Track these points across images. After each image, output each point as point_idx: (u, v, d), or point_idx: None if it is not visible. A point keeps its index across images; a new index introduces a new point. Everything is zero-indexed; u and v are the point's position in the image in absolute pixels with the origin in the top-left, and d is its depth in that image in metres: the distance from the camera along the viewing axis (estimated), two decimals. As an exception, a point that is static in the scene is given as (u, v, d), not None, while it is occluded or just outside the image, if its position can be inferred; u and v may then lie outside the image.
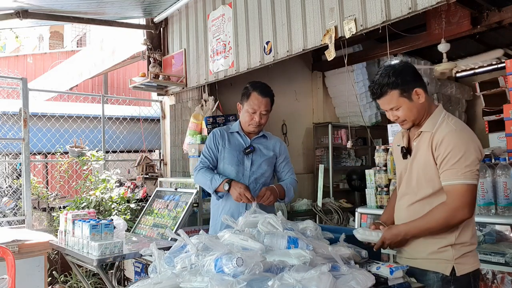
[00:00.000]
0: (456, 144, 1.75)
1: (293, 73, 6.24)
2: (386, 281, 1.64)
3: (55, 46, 14.86)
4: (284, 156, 2.76)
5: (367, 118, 6.37)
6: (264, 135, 2.72)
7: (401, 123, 1.93)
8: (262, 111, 2.56)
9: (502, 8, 3.96)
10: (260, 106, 2.55)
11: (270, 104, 2.59)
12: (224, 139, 2.68)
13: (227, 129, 2.74)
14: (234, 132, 2.70)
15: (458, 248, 1.79)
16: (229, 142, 2.67)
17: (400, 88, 1.84)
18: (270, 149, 2.70)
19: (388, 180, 3.76)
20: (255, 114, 2.56)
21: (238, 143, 2.67)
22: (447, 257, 1.79)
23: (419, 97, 1.86)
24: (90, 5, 4.50)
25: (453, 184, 1.74)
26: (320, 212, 5.20)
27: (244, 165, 2.62)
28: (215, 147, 2.68)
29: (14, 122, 4.88)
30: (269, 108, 2.59)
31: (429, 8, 2.69)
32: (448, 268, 1.78)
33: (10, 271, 2.49)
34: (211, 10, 4.56)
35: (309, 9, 3.48)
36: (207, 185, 2.57)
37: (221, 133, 2.71)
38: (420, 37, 4.86)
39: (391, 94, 1.86)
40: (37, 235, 3.55)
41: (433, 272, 1.81)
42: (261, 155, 2.66)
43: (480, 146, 1.79)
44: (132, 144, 5.83)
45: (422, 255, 1.85)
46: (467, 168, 1.72)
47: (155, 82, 5.04)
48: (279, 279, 1.35)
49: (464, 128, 1.83)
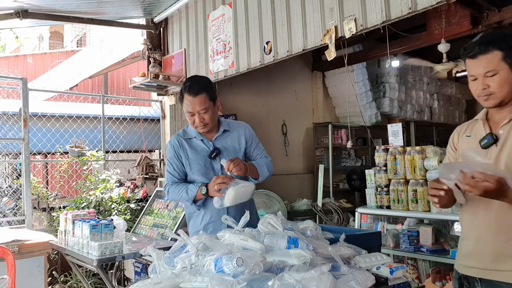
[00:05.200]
0: None
1: (293, 73, 6.24)
2: (386, 281, 1.64)
3: (55, 46, 14.85)
4: (252, 140, 2.56)
5: (367, 118, 6.38)
6: (224, 129, 2.49)
7: (487, 95, 1.65)
8: (200, 111, 2.32)
9: (502, 8, 3.96)
10: (194, 106, 2.32)
11: (207, 100, 2.33)
12: (184, 149, 2.46)
13: (184, 135, 2.51)
14: (193, 138, 2.48)
15: None
16: (191, 150, 2.45)
17: (506, 51, 1.61)
18: (236, 141, 2.50)
19: (388, 180, 3.77)
20: (194, 116, 2.35)
21: (201, 149, 2.46)
22: None
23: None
24: (90, 5, 4.49)
25: None
26: (320, 212, 5.20)
27: (214, 171, 2.42)
28: (178, 160, 2.46)
29: (14, 122, 4.88)
30: (207, 104, 2.33)
31: (429, 8, 2.69)
32: None
33: (10, 271, 2.49)
34: (211, 10, 4.56)
35: (309, 9, 3.48)
36: (184, 198, 2.40)
37: (179, 143, 2.48)
38: (420, 37, 4.86)
39: (493, 54, 1.62)
40: (37, 235, 3.55)
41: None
42: (229, 153, 2.45)
43: None
44: (132, 144, 5.82)
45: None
46: None
47: (155, 82, 5.04)
48: (279, 279, 1.35)
49: None
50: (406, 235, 3.52)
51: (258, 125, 5.73)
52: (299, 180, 6.20)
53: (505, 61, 1.61)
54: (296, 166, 6.24)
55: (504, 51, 1.61)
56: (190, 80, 2.43)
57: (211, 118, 2.38)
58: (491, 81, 1.63)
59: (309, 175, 6.35)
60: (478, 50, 1.65)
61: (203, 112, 2.33)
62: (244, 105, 5.52)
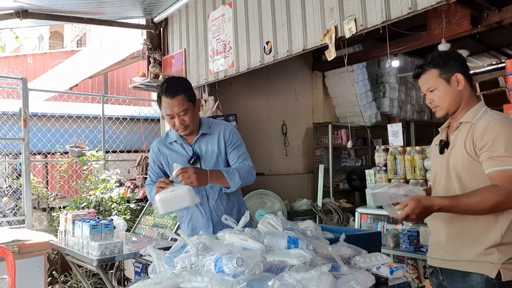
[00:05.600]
0: (502, 131, 1.67)
1: (293, 73, 6.24)
2: (386, 281, 1.64)
3: (55, 46, 14.85)
4: (231, 141, 2.36)
5: (367, 118, 6.38)
6: (203, 133, 2.37)
7: (434, 108, 1.87)
8: (179, 113, 2.22)
9: (502, 8, 3.96)
10: (173, 108, 2.22)
11: (185, 101, 2.23)
12: (164, 155, 2.41)
13: (166, 140, 2.44)
14: (173, 142, 2.41)
15: (504, 251, 1.69)
16: (172, 155, 2.39)
17: (440, 68, 1.82)
18: (215, 145, 2.36)
19: (388, 180, 3.77)
20: (174, 119, 2.25)
21: (181, 153, 2.38)
22: (493, 260, 1.69)
23: (458, 83, 1.81)
24: (90, 5, 4.49)
25: (503, 169, 1.63)
26: (320, 212, 5.20)
27: None
28: (157, 167, 2.44)
29: (14, 122, 4.88)
30: (186, 106, 2.23)
31: (429, 8, 2.69)
32: (493, 271, 1.68)
33: (10, 271, 2.49)
34: (211, 10, 4.56)
35: (309, 9, 3.48)
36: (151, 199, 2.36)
37: (159, 149, 2.43)
38: (420, 37, 4.86)
39: (430, 73, 1.84)
40: (37, 235, 3.55)
41: (477, 273, 1.71)
42: (208, 157, 2.35)
43: None
44: (132, 144, 5.83)
45: (467, 257, 1.75)
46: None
47: (155, 82, 5.04)
48: (279, 279, 1.35)
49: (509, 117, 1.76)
50: (406, 235, 3.52)
51: (258, 125, 5.73)
52: (299, 180, 6.20)
53: (441, 77, 1.83)
54: (296, 166, 6.24)
55: (439, 68, 1.83)
56: (167, 82, 2.31)
57: (192, 120, 2.28)
58: (433, 96, 1.86)
59: (309, 175, 6.36)
60: (420, 70, 1.88)
61: (182, 114, 2.24)
62: (244, 105, 5.52)
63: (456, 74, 1.81)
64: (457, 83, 1.81)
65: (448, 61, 1.83)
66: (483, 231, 1.72)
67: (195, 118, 2.31)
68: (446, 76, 1.82)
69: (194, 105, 2.30)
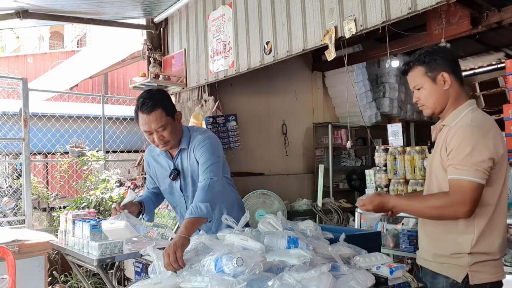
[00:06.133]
0: (465, 138, 1.64)
1: (293, 73, 6.24)
2: (386, 281, 1.64)
3: (55, 46, 14.86)
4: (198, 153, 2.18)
5: (367, 118, 6.38)
6: (182, 148, 2.24)
7: (421, 107, 1.85)
8: (157, 128, 2.09)
9: (502, 8, 3.96)
10: (150, 124, 2.08)
11: (163, 116, 2.08)
12: (152, 166, 2.38)
13: (152, 152, 2.38)
14: (159, 154, 2.33)
15: (475, 255, 1.67)
16: (158, 168, 2.36)
17: (426, 66, 1.78)
18: (190, 158, 2.23)
19: (388, 180, 3.77)
20: (152, 135, 2.12)
21: (165, 167, 2.32)
22: (461, 263, 1.68)
23: (444, 82, 1.76)
24: (90, 5, 4.50)
25: (457, 178, 1.63)
26: (320, 212, 5.20)
27: (176, 191, 2.32)
28: (150, 175, 2.44)
29: (14, 122, 4.89)
30: (164, 121, 2.09)
31: (429, 8, 2.69)
32: (461, 274, 1.68)
33: (10, 271, 2.49)
34: (211, 10, 4.56)
35: (309, 9, 3.48)
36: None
37: (148, 160, 2.41)
38: (420, 37, 4.85)
39: (416, 70, 1.81)
40: (37, 235, 3.55)
41: (443, 276, 1.72)
42: (187, 172, 2.25)
43: (497, 145, 1.65)
44: (132, 144, 5.83)
45: (435, 256, 1.78)
46: (473, 165, 1.60)
47: (155, 82, 5.04)
48: (279, 279, 1.35)
49: (483, 124, 1.70)
50: (406, 235, 3.52)
51: (258, 125, 5.73)
52: (299, 180, 6.20)
53: (427, 75, 1.79)
54: (296, 166, 6.24)
55: (425, 65, 1.79)
56: (143, 96, 2.14)
57: (171, 135, 2.14)
58: (419, 94, 1.83)
59: (309, 175, 6.36)
60: (407, 67, 1.86)
61: (161, 130, 2.10)
62: (244, 105, 5.52)
63: (442, 73, 1.76)
64: (443, 82, 1.77)
65: (434, 59, 1.78)
66: (455, 238, 1.71)
67: (175, 132, 2.17)
68: (432, 75, 1.78)
69: (173, 119, 2.15)
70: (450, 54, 1.82)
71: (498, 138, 1.68)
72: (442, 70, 1.77)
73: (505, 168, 1.71)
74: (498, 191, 1.69)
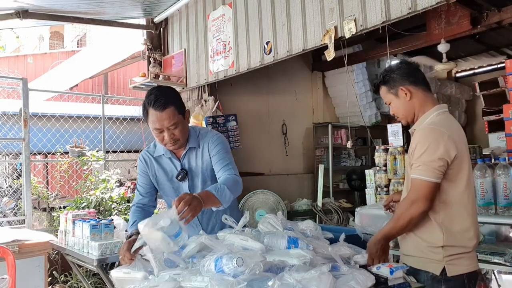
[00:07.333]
0: (420, 139, 1.81)
1: (293, 73, 6.25)
2: (386, 281, 1.64)
3: (55, 46, 14.86)
4: (214, 150, 2.19)
5: (367, 118, 6.38)
6: (190, 147, 2.21)
7: (397, 118, 2.02)
8: (169, 126, 2.05)
9: (502, 8, 3.96)
10: (162, 122, 2.03)
11: (176, 114, 2.06)
12: (152, 167, 2.27)
13: (153, 153, 2.28)
14: (162, 155, 2.26)
15: (449, 249, 1.80)
16: (159, 169, 2.27)
17: (387, 85, 1.97)
18: (203, 156, 2.21)
19: (388, 180, 3.77)
20: (163, 133, 2.07)
21: (170, 168, 2.25)
22: (437, 257, 1.81)
23: (406, 95, 1.92)
24: (90, 5, 4.50)
25: (414, 177, 1.80)
26: (320, 212, 5.20)
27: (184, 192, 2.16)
28: (144, 177, 2.29)
29: (14, 122, 4.89)
30: (177, 119, 2.06)
31: (429, 8, 2.69)
32: (438, 268, 1.80)
33: (10, 271, 2.49)
34: (211, 10, 4.56)
35: (309, 9, 3.49)
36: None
37: (146, 161, 2.28)
38: (420, 37, 4.86)
39: (382, 90, 2.01)
40: (37, 235, 3.55)
41: (424, 271, 1.83)
42: (197, 172, 2.22)
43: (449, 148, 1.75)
44: (132, 144, 5.82)
45: (414, 254, 1.88)
46: (424, 165, 1.76)
47: (155, 82, 5.03)
48: (279, 279, 1.35)
49: (440, 126, 1.82)
50: (406, 235, 3.51)
51: (258, 125, 5.73)
52: (299, 180, 6.20)
53: (390, 92, 1.98)
54: (296, 166, 6.25)
55: (386, 85, 1.98)
56: (154, 92, 2.08)
57: (182, 133, 2.11)
58: (391, 108, 2.02)
59: (309, 175, 6.36)
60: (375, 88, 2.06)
61: (173, 128, 2.06)
62: (244, 105, 5.52)
63: (400, 87, 1.93)
64: (405, 94, 1.92)
65: (392, 77, 1.95)
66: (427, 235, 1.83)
67: (185, 131, 2.15)
68: (393, 91, 1.96)
69: (184, 117, 2.13)
70: (406, 67, 1.98)
71: (451, 142, 1.78)
72: (400, 85, 1.93)
73: (466, 169, 1.83)
74: (460, 188, 1.81)
